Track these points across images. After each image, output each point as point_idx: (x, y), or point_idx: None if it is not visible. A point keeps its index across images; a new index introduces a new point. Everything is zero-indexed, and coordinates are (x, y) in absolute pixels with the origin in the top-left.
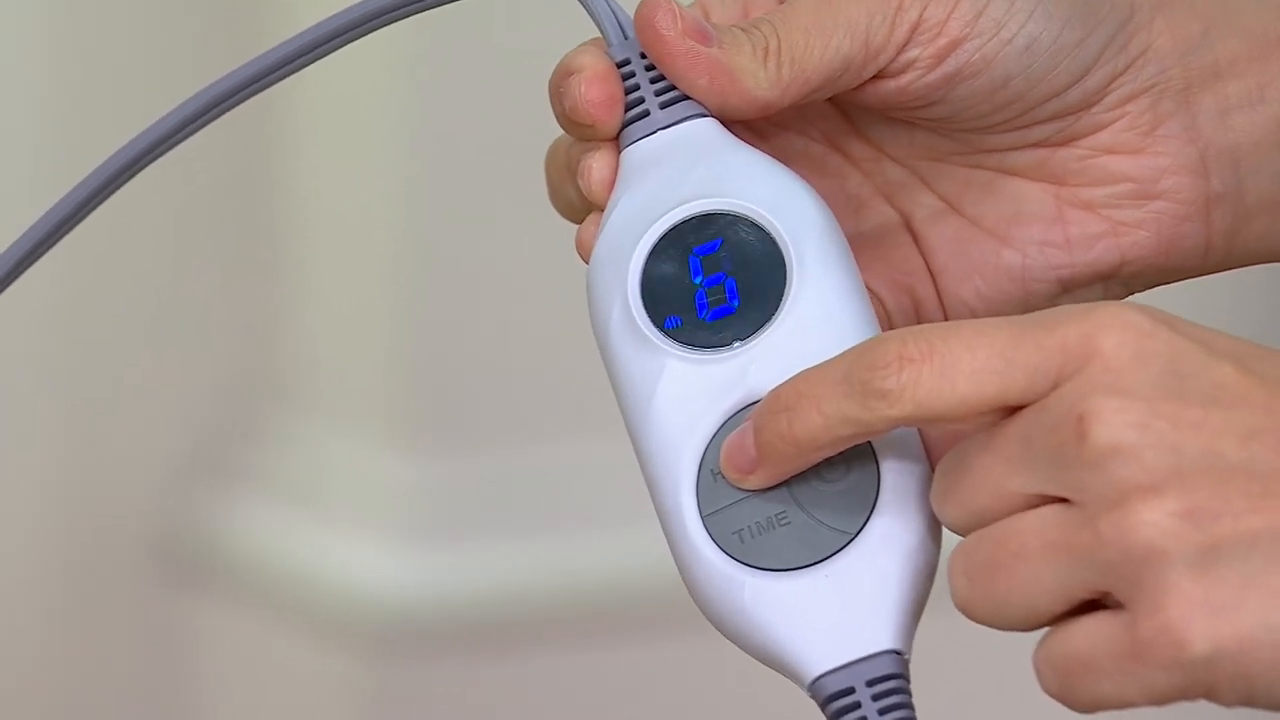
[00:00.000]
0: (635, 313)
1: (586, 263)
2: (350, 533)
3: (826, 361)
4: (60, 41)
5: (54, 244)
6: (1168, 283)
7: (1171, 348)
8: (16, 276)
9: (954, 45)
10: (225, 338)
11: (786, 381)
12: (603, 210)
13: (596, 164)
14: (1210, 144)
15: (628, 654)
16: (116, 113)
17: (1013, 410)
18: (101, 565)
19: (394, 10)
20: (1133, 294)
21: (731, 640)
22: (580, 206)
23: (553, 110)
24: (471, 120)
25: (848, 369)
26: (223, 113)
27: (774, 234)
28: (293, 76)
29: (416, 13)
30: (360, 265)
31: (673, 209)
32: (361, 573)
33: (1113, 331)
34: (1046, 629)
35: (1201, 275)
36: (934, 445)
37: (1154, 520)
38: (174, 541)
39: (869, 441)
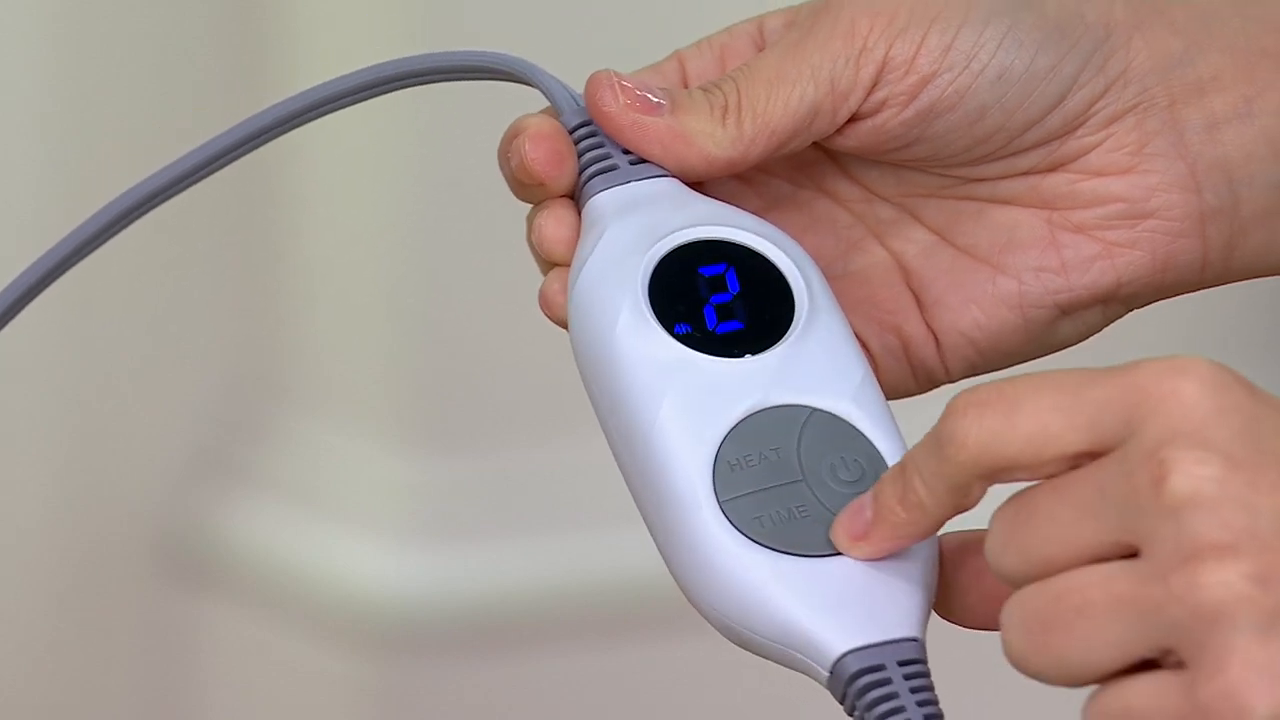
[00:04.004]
0: (647, 314)
1: (551, 318)
2: (350, 533)
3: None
4: (64, 60)
5: (52, 282)
6: (1167, 298)
7: (1249, 405)
8: (19, 310)
9: (925, 81)
10: (227, 337)
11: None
12: (563, 265)
13: (548, 222)
14: (1200, 158)
15: (628, 654)
16: (121, 130)
17: (1081, 461)
18: (102, 565)
19: (362, 91)
20: (1132, 311)
21: (742, 625)
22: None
23: (504, 177)
24: (474, 123)
25: (935, 428)
26: (225, 165)
27: (779, 264)
28: None
29: (384, 94)
30: (362, 265)
31: (675, 231)
32: (361, 573)
33: (1189, 380)
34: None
35: (1200, 290)
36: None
37: (1227, 581)
38: (175, 541)
39: (875, 448)
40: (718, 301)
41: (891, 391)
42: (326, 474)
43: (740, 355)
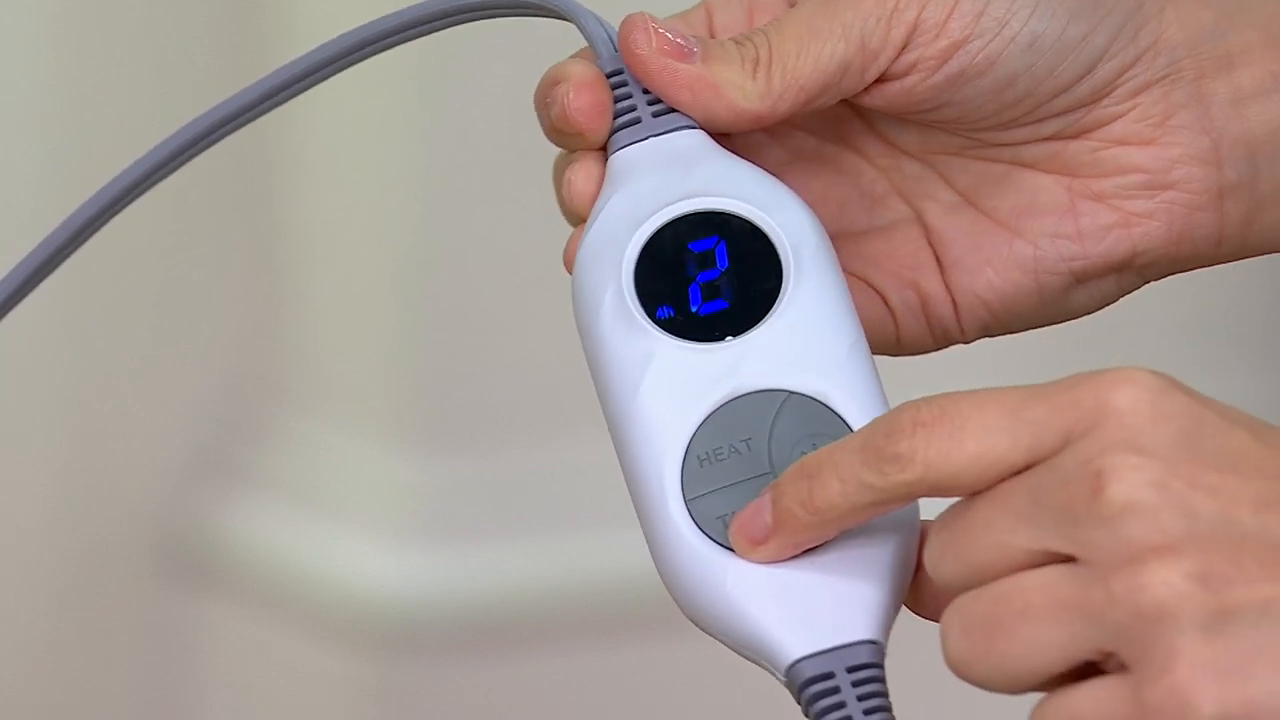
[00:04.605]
0: (628, 299)
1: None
2: (350, 533)
3: (850, 435)
4: (64, 59)
5: (57, 266)
6: (1181, 272)
7: (1188, 409)
8: (23, 297)
9: (956, 46)
10: (227, 337)
11: (810, 454)
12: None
13: (578, 176)
14: (1224, 133)
15: (628, 654)
16: (121, 129)
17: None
18: (102, 565)
19: (403, 31)
20: (1147, 283)
21: (706, 625)
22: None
23: (539, 122)
24: (474, 120)
25: (866, 437)
26: (223, 137)
27: (770, 235)
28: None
29: (425, 35)
30: (362, 264)
31: (669, 204)
32: (361, 573)
33: (1128, 388)
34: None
35: (1215, 264)
36: None
37: (1168, 581)
38: (174, 541)
39: (850, 430)
40: (704, 280)
41: (909, 347)
42: (326, 474)
43: (721, 338)
